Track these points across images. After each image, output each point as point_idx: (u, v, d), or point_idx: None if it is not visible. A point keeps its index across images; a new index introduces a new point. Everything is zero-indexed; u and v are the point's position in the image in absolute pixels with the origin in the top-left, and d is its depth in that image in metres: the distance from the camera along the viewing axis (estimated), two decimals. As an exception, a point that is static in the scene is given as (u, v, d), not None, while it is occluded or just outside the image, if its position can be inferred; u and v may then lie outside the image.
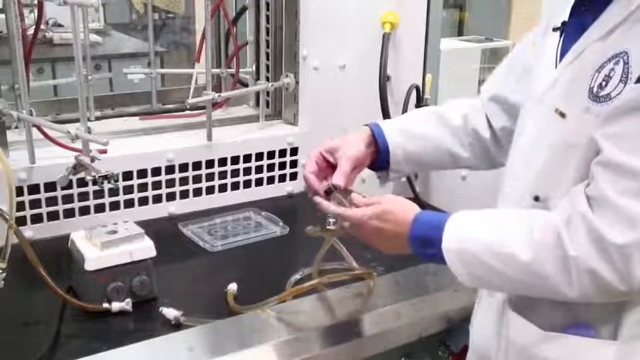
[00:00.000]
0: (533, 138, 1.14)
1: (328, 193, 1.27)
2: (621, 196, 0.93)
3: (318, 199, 1.27)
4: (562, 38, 1.14)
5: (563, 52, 1.11)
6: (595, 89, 1.01)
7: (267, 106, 2.27)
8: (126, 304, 1.41)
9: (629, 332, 1.05)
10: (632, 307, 1.04)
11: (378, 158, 1.37)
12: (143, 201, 1.89)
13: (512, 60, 1.39)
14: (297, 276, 1.54)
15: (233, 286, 1.47)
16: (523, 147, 1.18)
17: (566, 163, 1.05)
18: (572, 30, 1.11)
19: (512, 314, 1.15)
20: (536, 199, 1.10)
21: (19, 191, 1.66)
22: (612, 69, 0.99)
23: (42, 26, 2.48)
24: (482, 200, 1.27)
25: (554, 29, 1.17)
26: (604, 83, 1.00)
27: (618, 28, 1.01)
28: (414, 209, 1.17)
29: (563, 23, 1.15)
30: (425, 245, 1.12)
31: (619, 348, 1.05)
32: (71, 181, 1.71)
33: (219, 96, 1.97)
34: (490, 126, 1.38)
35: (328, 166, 1.34)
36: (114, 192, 1.81)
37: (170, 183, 1.92)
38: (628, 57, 0.97)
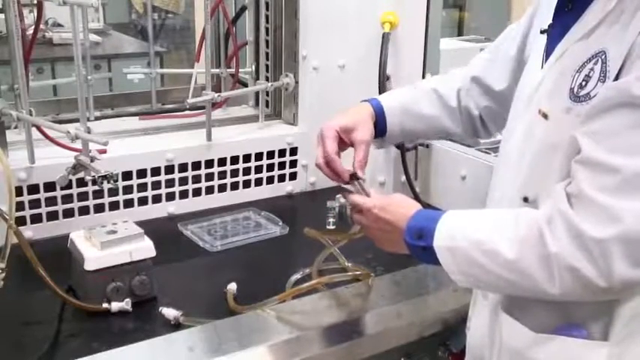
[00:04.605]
0: (521, 140, 1.15)
1: (350, 179, 1.32)
2: (600, 192, 0.94)
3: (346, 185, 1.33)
4: (548, 40, 1.16)
5: (548, 54, 1.13)
6: (575, 89, 1.03)
7: (267, 106, 2.26)
8: (125, 304, 1.41)
9: (621, 331, 1.05)
10: (622, 304, 1.04)
11: (376, 130, 1.44)
12: (142, 201, 1.89)
13: (495, 47, 1.44)
14: (297, 276, 1.54)
15: (233, 286, 1.47)
16: (512, 149, 1.19)
17: (550, 163, 1.06)
18: (556, 31, 1.13)
19: (504, 316, 1.16)
20: (526, 200, 1.11)
21: (19, 191, 1.66)
22: (592, 69, 1.01)
23: (41, 26, 2.48)
24: (483, 200, 1.27)
25: (542, 32, 1.18)
26: (584, 83, 1.01)
27: (598, 29, 1.03)
28: (417, 207, 1.19)
29: (550, 25, 1.16)
30: (418, 237, 1.13)
31: (611, 349, 1.05)
32: (71, 181, 1.70)
33: (218, 96, 1.97)
34: (477, 105, 1.45)
35: (343, 145, 1.39)
36: (113, 192, 1.81)
37: (169, 183, 1.92)
38: (606, 56, 0.99)
